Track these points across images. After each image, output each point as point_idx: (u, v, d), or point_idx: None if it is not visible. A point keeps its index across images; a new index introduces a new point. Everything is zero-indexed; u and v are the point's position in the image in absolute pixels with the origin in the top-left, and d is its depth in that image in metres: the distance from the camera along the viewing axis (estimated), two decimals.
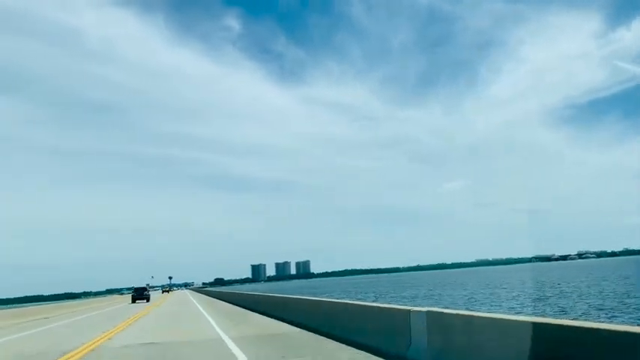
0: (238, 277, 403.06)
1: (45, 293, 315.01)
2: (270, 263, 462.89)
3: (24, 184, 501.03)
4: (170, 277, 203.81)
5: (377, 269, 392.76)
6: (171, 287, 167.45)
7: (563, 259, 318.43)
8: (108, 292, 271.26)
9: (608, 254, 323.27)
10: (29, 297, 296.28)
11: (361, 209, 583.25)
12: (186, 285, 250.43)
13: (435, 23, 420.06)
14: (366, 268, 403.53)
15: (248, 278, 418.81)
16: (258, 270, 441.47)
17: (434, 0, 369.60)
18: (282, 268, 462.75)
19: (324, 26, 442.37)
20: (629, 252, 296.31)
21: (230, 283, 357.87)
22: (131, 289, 60.24)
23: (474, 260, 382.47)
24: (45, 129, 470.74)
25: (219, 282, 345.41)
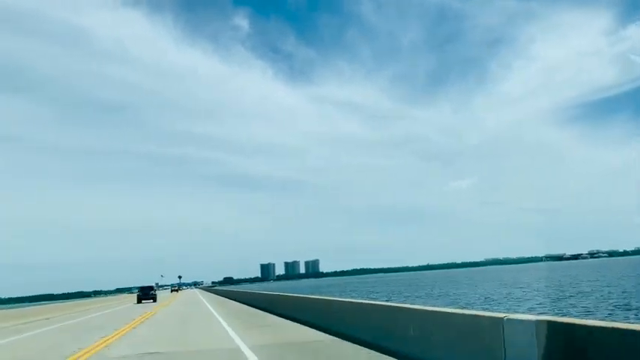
0: (247, 277, 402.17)
1: (56, 292, 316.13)
2: (280, 262, 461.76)
3: (38, 183, 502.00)
4: (180, 276, 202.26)
5: (386, 268, 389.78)
6: (180, 286, 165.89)
7: (574, 258, 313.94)
8: (118, 291, 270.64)
9: (620, 253, 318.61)
10: (40, 296, 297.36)
11: (370, 208, 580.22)
12: (195, 284, 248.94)
13: (445, 21, 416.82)
14: (375, 267, 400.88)
15: (257, 277, 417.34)
16: (267, 269, 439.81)
17: None
18: (291, 267, 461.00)
19: (333, 25, 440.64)
20: None
21: (239, 282, 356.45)
22: None
23: (484, 259, 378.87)
24: (58, 129, 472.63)
25: (229, 281, 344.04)
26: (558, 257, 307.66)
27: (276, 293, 28.35)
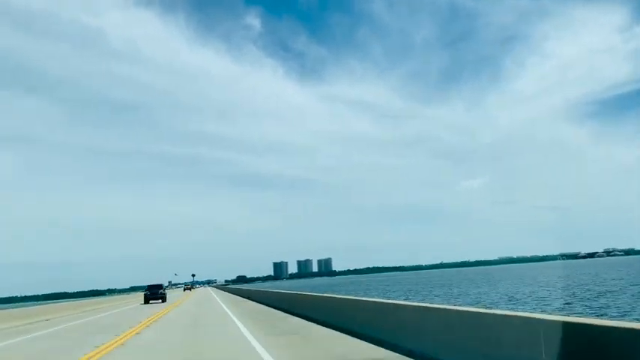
0: (260, 275, 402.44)
1: (70, 290, 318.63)
2: (292, 261, 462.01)
3: (53, 183, 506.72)
4: (193, 274, 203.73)
5: (399, 267, 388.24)
6: (193, 285, 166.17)
7: (590, 256, 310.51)
8: (132, 289, 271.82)
9: (636, 252, 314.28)
10: (54, 294, 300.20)
11: (382, 207, 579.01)
12: (209, 282, 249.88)
13: (457, 19, 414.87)
14: (388, 265, 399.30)
15: (270, 276, 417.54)
16: (280, 267, 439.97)
17: None
18: (304, 265, 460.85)
19: (345, 24, 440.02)
20: None
21: (252, 280, 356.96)
22: None
23: (497, 258, 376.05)
24: (72, 129, 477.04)
25: (242, 279, 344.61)
26: (573, 256, 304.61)
27: (298, 292, 26.04)
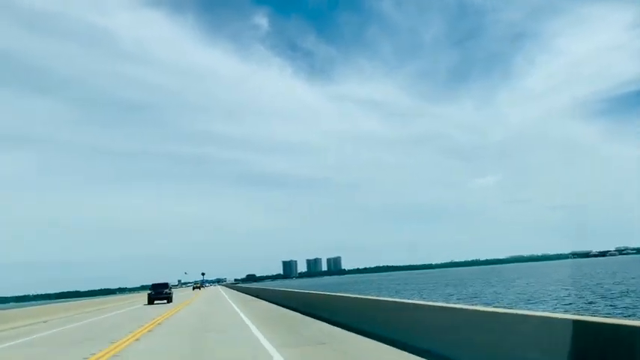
0: (270, 274, 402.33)
1: (82, 289, 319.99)
2: (302, 260, 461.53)
3: (61, 183, 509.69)
4: (203, 273, 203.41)
5: (409, 266, 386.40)
6: (203, 283, 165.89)
7: (602, 255, 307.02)
8: (142, 288, 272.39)
9: None
10: (66, 293, 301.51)
11: (392, 206, 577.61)
12: (218, 281, 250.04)
13: (467, 16, 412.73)
14: (398, 264, 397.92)
15: (279, 274, 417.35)
16: (289, 266, 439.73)
17: None
18: (313, 264, 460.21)
19: (354, 23, 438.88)
20: None
21: (262, 279, 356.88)
22: None
23: (508, 257, 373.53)
24: (80, 129, 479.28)
25: (251, 278, 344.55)
26: (585, 254, 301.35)
27: (319, 292, 23.55)
